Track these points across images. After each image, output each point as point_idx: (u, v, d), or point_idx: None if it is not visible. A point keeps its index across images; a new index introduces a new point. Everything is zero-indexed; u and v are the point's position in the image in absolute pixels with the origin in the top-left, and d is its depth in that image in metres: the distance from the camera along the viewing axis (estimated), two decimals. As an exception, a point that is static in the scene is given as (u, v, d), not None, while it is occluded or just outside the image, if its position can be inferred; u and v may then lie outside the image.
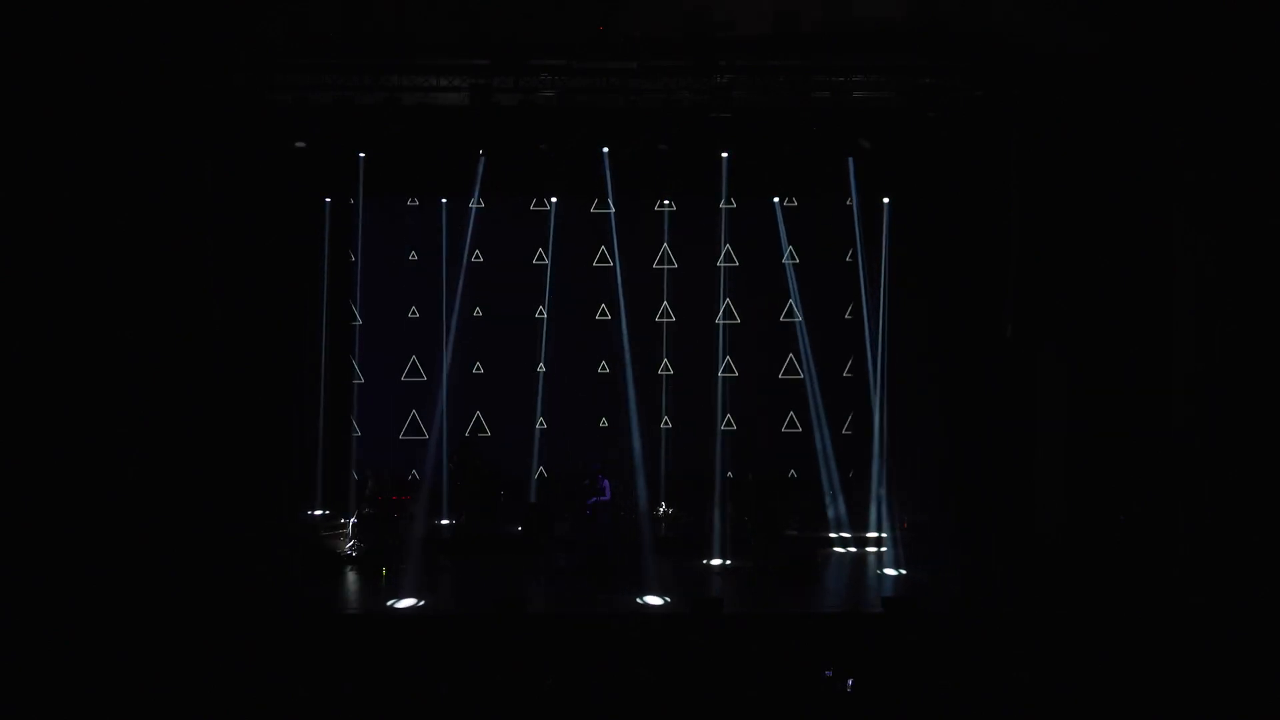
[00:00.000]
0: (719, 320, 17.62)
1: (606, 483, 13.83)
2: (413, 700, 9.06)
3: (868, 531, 15.72)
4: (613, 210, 17.20)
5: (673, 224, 17.94)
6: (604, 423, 17.86)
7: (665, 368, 17.93)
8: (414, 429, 17.82)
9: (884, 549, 14.94)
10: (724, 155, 16.29)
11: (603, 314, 17.91)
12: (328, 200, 16.87)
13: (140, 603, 11.58)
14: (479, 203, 17.08)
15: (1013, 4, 12.56)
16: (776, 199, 17.70)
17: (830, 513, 16.17)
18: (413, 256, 17.88)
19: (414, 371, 17.88)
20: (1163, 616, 11.14)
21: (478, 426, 17.77)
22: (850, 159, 16.20)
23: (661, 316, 18.01)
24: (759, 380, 17.87)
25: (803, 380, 17.87)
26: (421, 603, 11.95)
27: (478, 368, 17.93)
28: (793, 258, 17.88)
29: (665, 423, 17.92)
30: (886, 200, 16.82)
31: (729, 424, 17.34)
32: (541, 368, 17.70)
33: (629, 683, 9.34)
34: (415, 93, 13.81)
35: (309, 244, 16.80)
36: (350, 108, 14.06)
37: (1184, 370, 12.61)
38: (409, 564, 13.21)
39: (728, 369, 17.62)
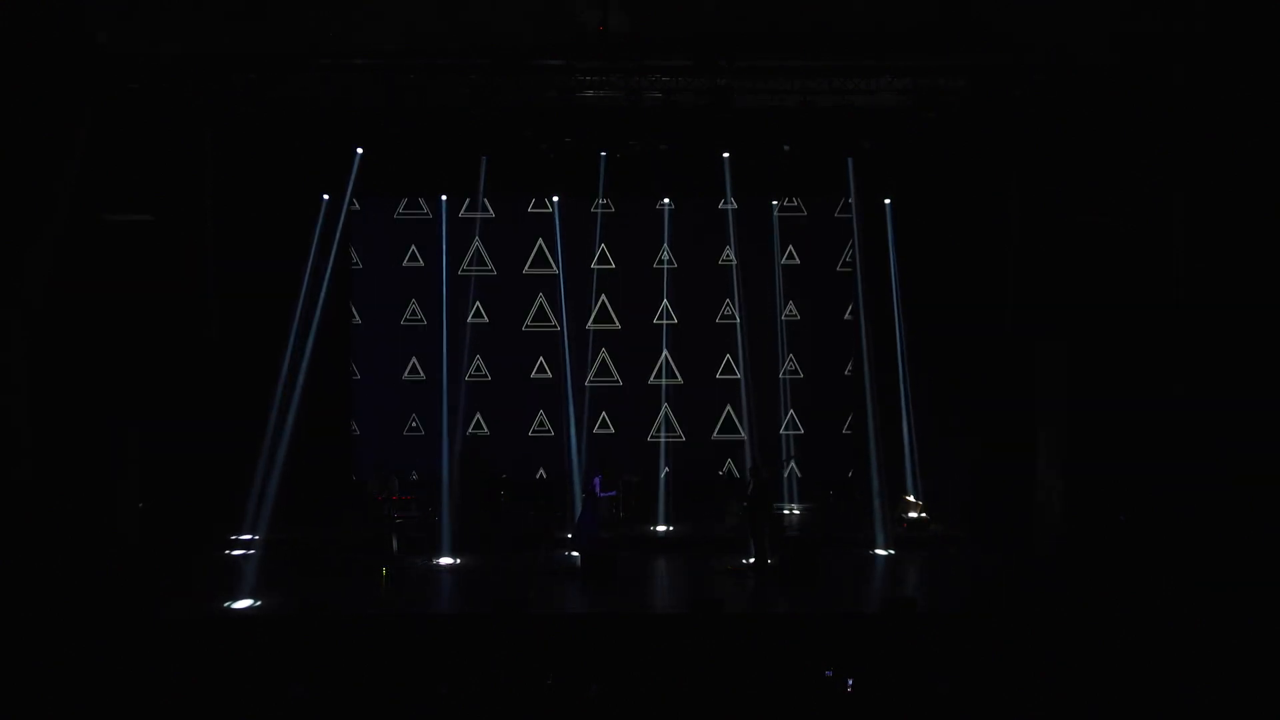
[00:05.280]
0: (719, 321, 17.65)
1: (598, 480, 13.91)
2: (413, 700, 9.06)
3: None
4: (610, 210, 17.29)
5: (672, 224, 17.93)
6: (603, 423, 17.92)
7: (666, 367, 17.93)
8: (415, 430, 17.83)
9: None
10: (725, 156, 16.28)
11: (602, 314, 17.91)
12: (325, 197, 16.81)
13: (137, 602, 11.60)
14: (481, 202, 17.12)
15: (1014, 6, 12.60)
16: (775, 201, 17.70)
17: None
18: (413, 255, 17.87)
19: (414, 372, 17.88)
20: (1163, 615, 11.14)
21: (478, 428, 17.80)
22: (850, 159, 16.20)
23: (660, 317, 18.00)
24: (760, 380, 17.87)
25: (803, 379, 17.91)
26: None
27: (477, 368, 17.92)
28: (791, 257, 17.91)
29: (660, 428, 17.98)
30: (888, 201, 16.82)
31: (729, 423, 17.39)
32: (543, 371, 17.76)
33: (629, 683, 9.34)
34: (416, 92, 13.81)
35: (308, 242, 16.77)
36: (350, 107, 14.07)
37: (1185, 367, 12.64)
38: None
39: (728, 369, 17.64)
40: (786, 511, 16.59)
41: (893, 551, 14.50)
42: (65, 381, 12.61)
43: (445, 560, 13.98)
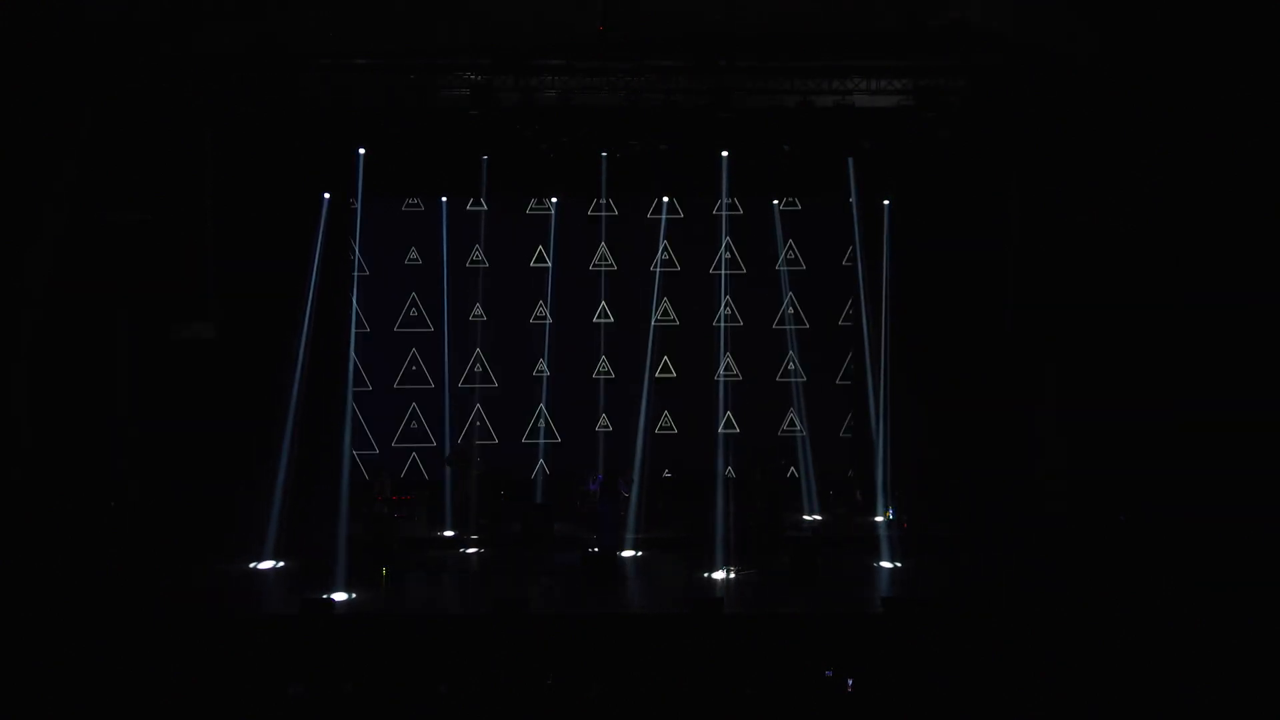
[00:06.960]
0: (717, 323, 17.64)
1: (622, 481, 13.99)
2: (413, 700, 9.06)
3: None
4: (610, 210, 17.28)
5: (672, 224, 17.91)
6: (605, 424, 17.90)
7: (665, 368, 17.90)
8: (416, 429, 17.82)
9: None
10: (724, 154, 16.26)
11: (602, 315, 17.89)
12: (325, 197, 16.77)
13: (132, 603, 11.60)
14: (481, 203, 17.11)
15: (1016, 7, 12.61)
16: (775, 200, 17.69)
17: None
18: (413, 255, 17.84)
19: (413, 369, 17.86)
20: (1163, 615, 11.15)
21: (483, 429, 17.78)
22: (850, 159, 16.20)
23: (659, 317, 17.97)
24: (759, 380, 17.84)
25: (802, 380, 17.88)
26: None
27: (478, 367, 17.89)
28: (791, 258, 17.89)
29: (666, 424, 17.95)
30: (886, 202, 16.83)
31: (729, 425, 17.35)
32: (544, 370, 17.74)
33: (629, 683, 9.34)
34: (416, 92, 13.81)
35: (308, 242, 16.74)
36: (350, 107, 14.06)
37: (1185, 366, 12.65)
38: None
39: (728, 369, 17.62)
40: (807, 519, 16.54)
41: (894, 552, 14.49)
42: (65, 381, 12.61)
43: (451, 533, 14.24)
